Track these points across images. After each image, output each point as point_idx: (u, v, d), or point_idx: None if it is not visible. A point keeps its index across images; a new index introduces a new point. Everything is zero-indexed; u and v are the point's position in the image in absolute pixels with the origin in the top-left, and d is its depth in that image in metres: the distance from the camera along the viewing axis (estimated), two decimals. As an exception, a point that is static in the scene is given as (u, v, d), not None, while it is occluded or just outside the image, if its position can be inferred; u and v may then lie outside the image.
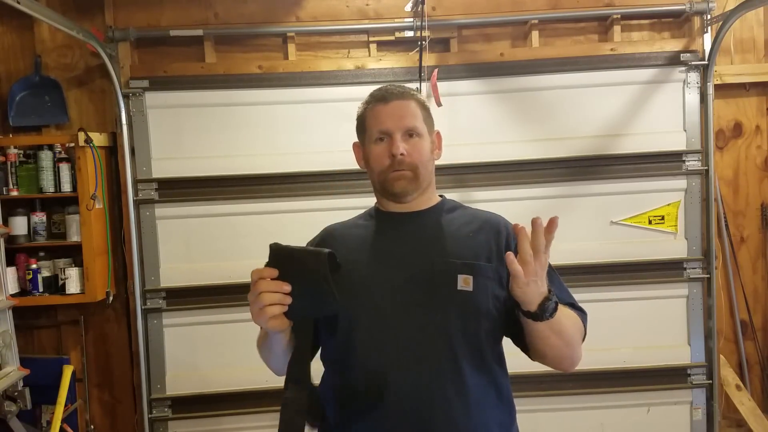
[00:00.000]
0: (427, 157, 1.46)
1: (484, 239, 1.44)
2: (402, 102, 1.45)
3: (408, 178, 1.43)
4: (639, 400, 3.21)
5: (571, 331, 1.36)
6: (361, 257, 1.45)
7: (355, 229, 1.53)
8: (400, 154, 1.41)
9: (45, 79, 3.18)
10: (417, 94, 1.51)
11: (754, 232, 3.43)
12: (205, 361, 3.17)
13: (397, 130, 1.43)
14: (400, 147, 1.41)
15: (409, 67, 3.11)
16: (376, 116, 1.45)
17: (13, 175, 3.07)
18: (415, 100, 1.48)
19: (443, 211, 1.51)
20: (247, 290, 1.33)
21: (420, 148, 1.44)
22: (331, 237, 1.54)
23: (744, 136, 3.41)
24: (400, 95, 1.47)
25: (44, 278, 3.07)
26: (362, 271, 1.42)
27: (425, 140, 1.46)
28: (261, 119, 3.13)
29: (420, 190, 1.46)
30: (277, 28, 3.20)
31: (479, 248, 1.42)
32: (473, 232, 1.45)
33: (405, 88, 1.51)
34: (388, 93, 1.47)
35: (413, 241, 1.45)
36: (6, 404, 2.72)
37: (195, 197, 3.13)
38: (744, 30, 3.36)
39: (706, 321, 3.22)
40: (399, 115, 1.44)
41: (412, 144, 1.43)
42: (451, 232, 1.45)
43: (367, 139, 1.49)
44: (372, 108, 1.47)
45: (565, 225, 3.38)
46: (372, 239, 1.48)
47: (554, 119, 3.17)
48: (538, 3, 3.24)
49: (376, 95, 1.49)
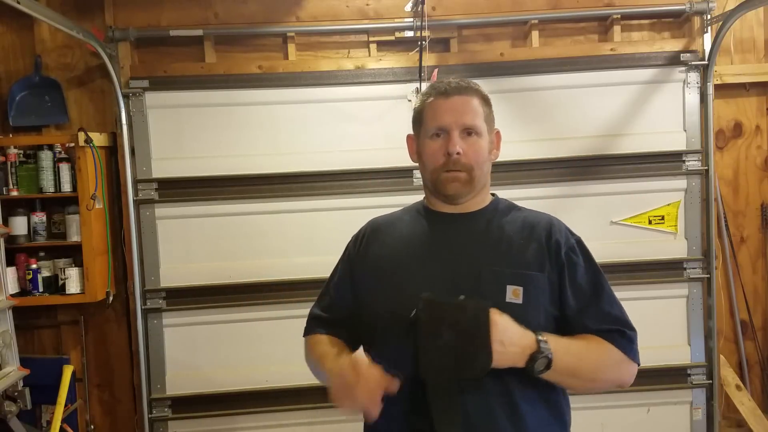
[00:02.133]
0: (484, 158, 1.39)
1: (535, 245, 1.36)
2: (464, 98, 1.37)
3: (462, 180, 1.36)
4: (639, 400, 3.20)
5: (589, 369, 1.31)
6: (406, 258, 1.39)
7: (401, 225, 1.46)
8: (456, 153, 1.34)
9: (45, 79, 3.18)
10: (481, 90, 1.42)
11: (754, 232, 3.43)
12: (205, 361, 3.17)
13: (455, 127, 1.35)
14: (457, 145, 1.34)
15: (409, 67, 3.11)
16: (435, 110, 1.37)
17: (13, 175, 3.06)
18: (478, 96, 1.40)
19: (496, 213, 1.42)
20: (247, 290, 1.32)
21: (478, 148, 1.36)
22: (376, 232, 1.48)
23: (744, 136, 3.40)
24: (463, 90, 1.38)
25: (44, 278, 3.07)
26: (406, 274, 1.36)
27: (484, 139, 1.38)
28: (261, 119, 3.13)
29: (474, 192, 1.39)
30: (277, 28, 3.19)
31: (531, 256, 1.34)
32: (525, 238, 1.37)
33: (469, 83, 1.42)
34: (450, 87, 1.38)
35: (461, 245, 1.37)
36: (6, 404, 2.72)
37: (195, 197, 3.13)
38: (744, 30, 3.36)
39: (706, 321, 3.22)
40: (459, 111, 1.36)
41: (470, 143, 1.36)
42: (502, 238, 1.37)
43: (422, 133, 1.40)
44: (432, 101, 1.39)
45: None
46: (419, 239, 1.41)
47: (554, 119, 3.17)
48: (538, 3, 3.23)
49: (437, 87, 1.40)
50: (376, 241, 1.46)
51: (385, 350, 1.31)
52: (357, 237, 1.52)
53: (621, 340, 1.36)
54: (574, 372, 1.28)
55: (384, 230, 1.47)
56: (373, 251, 1.45)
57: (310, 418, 3.13)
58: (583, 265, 1.38)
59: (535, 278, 1.32)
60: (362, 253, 1.47)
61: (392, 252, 1.41)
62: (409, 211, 1.50)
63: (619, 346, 1.35)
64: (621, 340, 1.36)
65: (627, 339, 1.37)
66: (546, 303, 1.30)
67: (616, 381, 1.37)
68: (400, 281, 1.35)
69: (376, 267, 1.42)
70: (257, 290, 3.06)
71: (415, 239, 1.41)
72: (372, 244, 1.46)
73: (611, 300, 1.39)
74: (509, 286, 1.30)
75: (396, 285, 1.36)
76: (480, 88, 1.42)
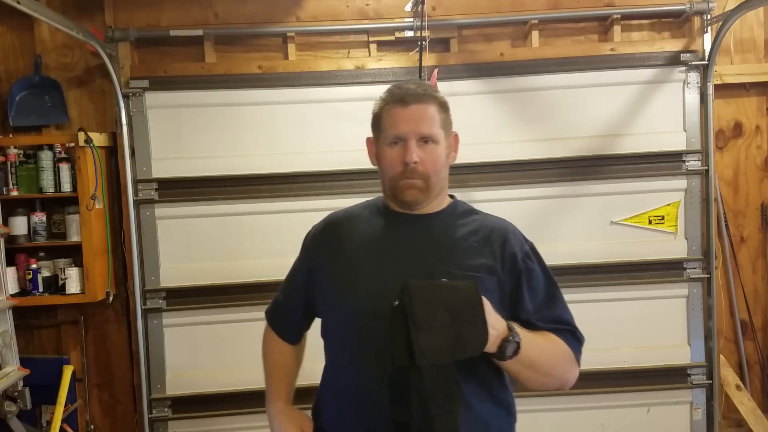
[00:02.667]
0: (441, 165, 1.40)
1: (489, 250, 1.39)
2: (421, 106, 1.38)
3: (419, 187, 1.38)
4: (639, 400, 3.21)
5: (548, 362, 1.36)
6: (363, 257, 1.42)
7: (359, 222, 1.49)
8: (413, 162, 1.36)
9: (45, 79, 3.18)
10: (438, 95, 1.43)
11: (754, 232, 3.43)
12: (205, 361, 3.17)
13: (412, 136, 1.37)
14: (414, 155, 1.36)
15: (409, 67, 3.11)
16: (393, 118, 1.39)
17: (13, 175, 3.06)
18: (436, 102, 1.41)
19: (453, 216, 1.46)
20: (247, 290, 1.33)
21: (435, 156, 1.38)
22: (333, 228, 1.51)
23: (744, 136, 3.40)
24: (421, 97, 1.39)
25: (44, 278, 3.07)
26: (361, 273, 1.40)
27: (441, 147, 1.40)
28: (261, 119, 3.13)
29: (431, 198, 1.42)
30: (277, 28, 3.19)
31: (483, 260, 1.38)
32: (479, 241, 1.41)
33: (426, 88, 1.43)
34: (408, 95, 1.39)
35: (416, 245, 1.40)
36: (6, 404, 2.72)
37: (195, 197, 3.13)
38: (744, 30, 3.36)
39: (706, 321, 3.22)
40: (416, 120, 1.38)
41: (427, 151, 1.38)
42: (457, 240, 1.41)
43: (381, 139, 1.43)
44: (390, 108, 1.41)
45: (565, 225, 3.41)
46: (376, 239, 1.44)
47: (554, 119, 3.17)
48: (538, 3, 3.23)
49: (395, 94, 1.41)
50: (335, 238, 1.49)
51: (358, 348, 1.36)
52: (314, 233, 1.55)
53: (572, 340, 1.42)
54: (533, 363, 1.33)
55: (343, 226, 1.50)
56: (331, 248, 1.48)
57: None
58: (539, 271, 1.44)
59: (485, 281, 1.34)
60: (319, 249, 1.51)
61: (350, 249, 1.44)
62: (368, 207, 1.53)
63: (570, 346, 1.41)
64: (572, 340, 1.43)
65: (577, 340, 1.44)
66: (495, 305, 1.32)
67: (563, 379, 1.42)
68: (357, 280, 1.39)
69: (334, 265, 1.45)
70: (257, 290, 3.05)
71: (373, 238, 1.45)
72: (330, 241, 1.49)
73: (563, 305, 1.45)
74: None
75: (354, 283, 1.39)
76: (438, 94, 1.43)
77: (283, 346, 1.62)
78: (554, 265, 3.37)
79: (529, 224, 3.08)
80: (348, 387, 1.39)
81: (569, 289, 3.03)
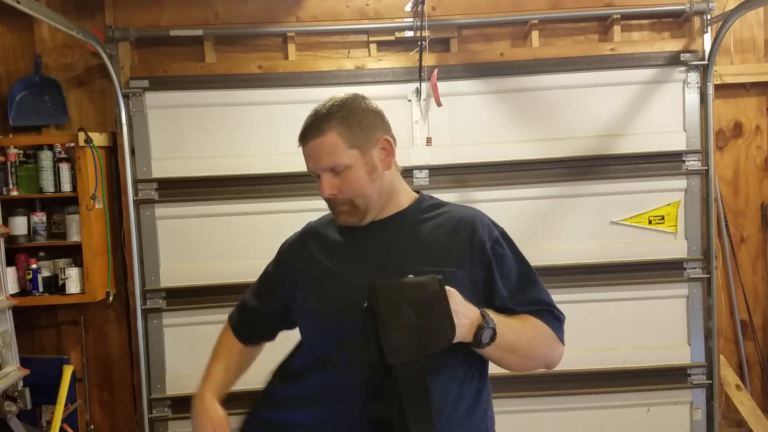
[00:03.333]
0: (362, 185, 1.37)
1: (456, 242, 1.39)
2: (316, 141, 1.36)
3: (348, 212, 1.40)
4: (639, 400, 3.21)
5: (528, 345, 1.36)
6: (333, 261, 1.44)
7: (331, 231, 1.50)
8: (330, 195, 1.38)
9: (45, 79, 3.18)
10: (336, 115, 1.37)
11: (754, 232, 3.43)
12: (204, 360, 3.14)
13: (320, 171, 1.38)
14: (326, 189, 1.37)
15: (409, 67, 3.11)
16: (304, 156, 1.41)
17: (13, 175, 3.07)
18: (333, 128, 1.36)
19: (417, 213, 1.45)
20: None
21: (350, 181, 1.36)
22: (311, 237, 1.53)
23: (744, 136, 3.40)
24: (316, 131, 1.36)
25: (44, 278, 3.08)
26: (335, 278, 1.41)
27: (356, 169, 1.36)
28: (261, 119, 3.13)
29: (373, 212, 1.42)
30: (277, 28, 3.20)
31: (451, 253, 1.37)
32: (445, 234, 1.40)
33: (320, 114, 1.38)
34: (306, 131, 1.39)
35: (385, 247, 1.41)
36: (6, 404, 2.72)
37: (195, 197, 3.13)
38: (744, 30, 3.36)
39: (706, 321, 3.22)
40: (316, 157, 1.37)
41: (342, 178, 1.36)
42: (423, 237, 1.41)
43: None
44: (299, 146, 1.41)
45: (565, 225, 3.41)
46: (346, 244, 1.45)
47: (554, 119, 3.17)
48: (538, 3, 3.24)
49: (300, 132, 1.40)
50: (307, 247, 1.51)
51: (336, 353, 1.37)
52: (290, 242, 1.58)
53: (551, 319, 1.40)
54: (513, 347, 1.33)
55: (315, 235, 1.52)
56: (304, 257, 1.49)
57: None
58: (510, 256, 1.42)
59: (455, 275, 1.34)
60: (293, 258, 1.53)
61: (322, 257, 1.45)
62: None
63: (550, 324, 1.40)
64: (551, 318, 1.41)
65: (556, 318, 1.42)
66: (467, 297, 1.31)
67: (547, 359, 1.41)
68: (331, 285, 1.40)
69: (307, 273, 1.47)
70: (257, 290, 3.06)
71: (343, 244, 1.46)
72: (303, 250, 1.51)
73: (540, 287, 1.43)
74: None
75: (326, 289, 1.41)
76: (336, 113, 1.38)
77: (233, 342, 1.65)
78: (554, 265, 3.38)
79: (530, 224, 3.10)
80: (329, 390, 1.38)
81: (569, 289, 3.08)
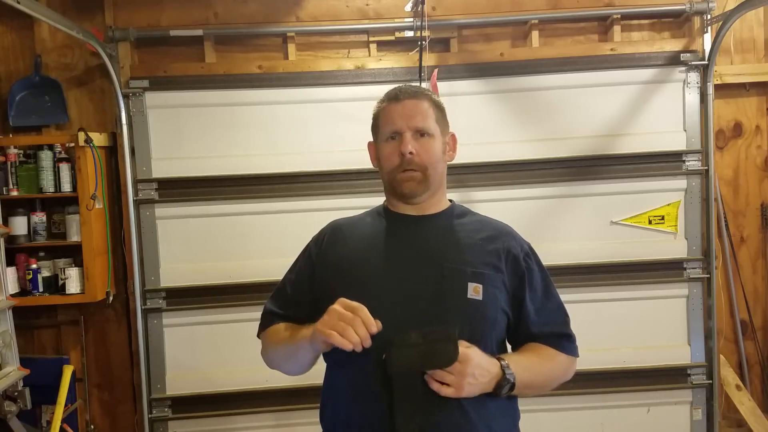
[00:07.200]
0: (437, 158, 1.44)
1: (493, 248, 1.43)
2: (414, 101, 1.44)
3: (417, 179, 1.42)
4: (639, 400, 3.21)
5: (544, 381, 1.45)
6: (369, 256, 1.43)
7: (363, 226, 1.51)
8: (409, 153, 1.40)
9: (45, 79, 3.18)
10: (432, 95, 1.49)
11: (754, 232, 3.43)
12: (205, 361, 3.17)
13: (407, 129, 1.42)
14: (409, 146, 1.40)
15: (409, 67, 3.11)
16: (388, 115, 1.45)
17: (13, 175, 3.06)
18: (429, 99, 1.46)
19: (453, 216, 1.49)
20: (247, 290, 1.33)
21: (430, 148, 1.42)
22: (338, 232, 1.52)
23: (744, 136, 3.40)
24: (413, 94, 1.45)
25: (44, 278, 3.07)
26: (370, 272, 1.40)
27: (437, 141, 1.44)
28: (261, 119, 3.13)
29: (430, 191, 1.45)
30: (277, 28, 3.19)
31: (489, 257, 1.42)
32: (484, 239, 1.44)
33: (420, 88, 1.50)
34: (401, 92, 1.46)
35: (423, 244, 1.43)
36: (6, 404, 2.72)
37: (195, 197, 3.13)
38: (744, 30, 3.36)
39: (706, 321, 3.22)
40: (410, 114, 1.42)
41: (423, 143, 1.42)
42: (462, 238, 1.44)
43: (379, 137, 1.48)
44: (385, 107, 1.47)
45: (565, 225, 3.41)
46: (381, 239, 1.46)
47: (554, 119, 3.17)
48: (538, 3, 3.23)
49: (390, 94, 1.48)
50: (338, 241, 1.50)
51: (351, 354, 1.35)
52: (319, 237, 1.55)
53: (567, 345, 1.49)
54: (530, 385, 1.39)
55: (346, 231, 1.51)
56: (335, 251, 1.48)
57: (310, 418, 3.11)
58: (537, 271, 1.49)
59: (493, 277, 1.39)
60: (324, 253, 1.50)
61: (355, 252, 1.45)
62: (371, 213, 1.55)
63: (567, 351, 1.48)
64: (568, 344, 1.49)
65: (572, 342, 1.50)
66: (502, 301, 1.39)
67: (561, 381, 1.51)
68: (364, 281, 1.39)
69: (339, 267, 1.45)
70: (257, 290, 3.04)
71: (377, 239, 1.46)
72: (334, 244, 1.50)
73: (558, 301, 1.51)
74: (470, 283, 1.37)
75: (360, 285, 1.39)
76: (432, 94, 1.50)
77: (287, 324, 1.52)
78: (554, 265, 3.38)
79: (529, 224, 3.10)
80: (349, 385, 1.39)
81: (569, 289, 3.08)
